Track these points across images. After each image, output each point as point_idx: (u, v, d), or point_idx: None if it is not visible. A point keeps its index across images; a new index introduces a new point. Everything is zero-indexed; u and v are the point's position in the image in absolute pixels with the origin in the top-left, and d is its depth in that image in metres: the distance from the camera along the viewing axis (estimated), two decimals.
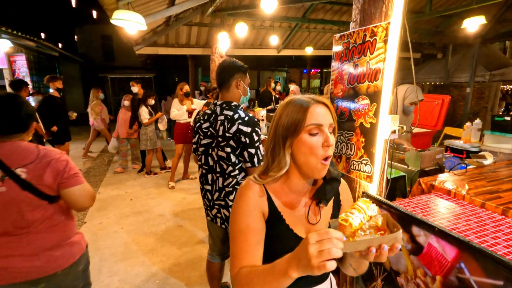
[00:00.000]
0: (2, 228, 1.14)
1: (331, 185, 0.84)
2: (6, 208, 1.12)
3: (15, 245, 1.16)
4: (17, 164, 1.13)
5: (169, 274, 2.42)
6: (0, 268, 1.14)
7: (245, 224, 0.78)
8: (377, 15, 1.41)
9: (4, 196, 1.11)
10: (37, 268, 1.19)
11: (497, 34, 7.29)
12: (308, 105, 0.77)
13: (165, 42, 7.00)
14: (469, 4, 4.81)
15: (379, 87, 1.40)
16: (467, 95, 7.63)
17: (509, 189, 1.68)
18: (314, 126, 0.76)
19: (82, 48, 15.22)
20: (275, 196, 0.83)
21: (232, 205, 0.83)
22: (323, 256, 0.54)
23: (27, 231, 1.17)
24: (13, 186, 1.12)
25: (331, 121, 0.78)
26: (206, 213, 1.77)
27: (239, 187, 0.85)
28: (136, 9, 3.73)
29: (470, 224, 1.33)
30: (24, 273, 1.17)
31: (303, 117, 0.76)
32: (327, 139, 0.75)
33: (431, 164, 2.20)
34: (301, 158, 0.78)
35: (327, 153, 0.76)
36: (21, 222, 1.15)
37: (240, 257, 0.75)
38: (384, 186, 1.55)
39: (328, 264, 0.54)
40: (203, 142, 1.64)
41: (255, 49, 7.98)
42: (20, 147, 1.17)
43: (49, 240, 1.22)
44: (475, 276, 0.97)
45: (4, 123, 1.15)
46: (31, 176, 1.14)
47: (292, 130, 0.77)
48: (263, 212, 0.81)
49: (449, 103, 4.69)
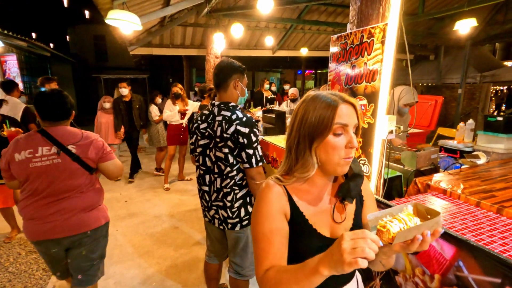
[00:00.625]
0: (52, 191, 1.50)
1: (355, 182, 0.83)
2: (59, 175, 1.50)
3: (59, 205, 1.51)
4: (68, 142, 1.51)
5: (165, 276, 2.40)
6: (49, 222, 1.50)
7: (268, 227, 0.76)
8: (374, 16, 1.42)
9: (59, 166, 1.50)
10: (72, 225, 1.54)
11: (488, 36, 7.44)
12: (336, 104, 0.74)
13: (160, 42, 6.96)
14: (461, 7, 4.89)
15: (376, 87, 1.41)
16: (459, 96, 7.76)
17: (503, 188, 1.71)
18: (340, 126, 0.74)
19: (75, 48, 15.04)
20: (296, 196, 0.81)
21: (253, 207, 0.82)
22: (356, 253, 0.53)
23: (69, 195, 1.53)
24: (66, 158, 1.50)
25: (356, 122, 0.76)
26: (204, 214, 1.76)
27: (259, 189, 0.83)
28: (131, 9, 3.70)
29: (466, 223, 1.35)
30: (63, 228, 1.52)
31: (331, 116, 0.73)
32: (351, 140, 0.74)
33: (427, 164, 2.23)
34: (323, 157, 0.76)
35: (349, 154, 0.75)
36: (68, 187, 1.52)
37: (266, 259, 0.74)
38: (381, 186, 1.56)
39: (360, 261, 0.53)
40: (201, 142, 1.63)
41: (250, 50, 8.00)
42: (68, 130, 1.56)
43: (84, 203, 1.58)
44: (474, 274, 0.98)
45: (57, 112, 1.53)
46: (79, 151, 1.53)
47: (320, 130, 0.74)
48: (285, 213, 0.79)
49: (442, 103, 4.76)
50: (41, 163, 1.47)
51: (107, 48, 15.24)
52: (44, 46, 9.28)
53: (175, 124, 4.40)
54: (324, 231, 0.81)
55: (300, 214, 0.80)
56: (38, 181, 1.49)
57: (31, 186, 1.50)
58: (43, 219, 1.51)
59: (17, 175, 1.49)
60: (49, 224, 1.51)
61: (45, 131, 1.51)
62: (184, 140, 4.49)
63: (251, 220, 0.81)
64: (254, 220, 0.79)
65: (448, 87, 9.54)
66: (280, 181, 0.81)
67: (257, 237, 0.77)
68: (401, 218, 0.64)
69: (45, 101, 1.51)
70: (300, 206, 0.80)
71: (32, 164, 1.46)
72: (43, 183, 1.49)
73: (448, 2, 6.79)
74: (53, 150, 1.49)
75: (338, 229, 0.81)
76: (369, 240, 0.55)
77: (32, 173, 1.47)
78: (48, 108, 1.51)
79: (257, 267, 0.75)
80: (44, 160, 1.48)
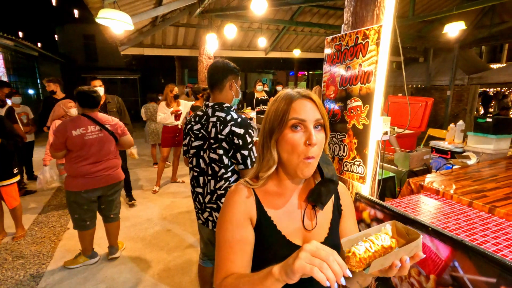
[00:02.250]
0: (100, 155, 2.31)
1: (326, 187, 0.78)
2: (104, 143, 2.32)
3: (104, 165, 2.34)
4: (105, 122, 2.34)
5: (158, 280, 2.36)
6: (98, 176, 2.31)
7: (231, 233, 0.72)
8: (369, 18, 1.43)
9: (103, 138, 2.31)
10: (111, 177, 2.39)
11: (475, 39, 7.61)
12: (292, 98, 0.72)
13: (152, 42, 6.88)
14: (449, 10, 5.00)
15: (371, 89, 1.41)
16: (447, 98, 7.91)
17: (494, 188, 1.74)
18: (297, 121, 0.70)
19: (63, 48, 14.73)
20: (265, 200, 0.77)
21: (220, 211, 0.79)
22: (310, 269, 0.50)
23: (108, 157, 2.37)
24: (105, 133, 2.33)
25: (317, 117, 0.72)
26: (197, 216, 1.74)
27: (227, 192, 0.80)
28: (122, 9, 3.64)
29: (460, 223, 1.36)
30: (107, 180, 2.37)
31: (286, 110, 0.71)
32: (310, 136, 0.69)
33: (419, 165, 2.26)
34: (284, 156, 0.73)
35: (309, 152, 0.70)
36: (108, 152, 2.36)
37: (225, 267, 0.71)
38: (376, 187, 1.56)
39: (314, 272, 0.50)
40: (194, 144, 1.61)
41: (243, 51, 7.99)
42: (101, 115, 2.37)
43: (116, 164, 2.46)
44: (469, 274, 0.98)
45: (95, 102, 2.31)
46: (112, 128, 2.37)
47: (276, 124, 0.72)
48: (250, 218, 0.75)
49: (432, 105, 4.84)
50: (91, 136, 2.25)
51: (97, 48, 14.97)
52: (31, 46, 9.06)
53: (171, 126, 4.32)
54: (295, 238, 0.76)
55: (268, 219, 0.76)
56: (92, 148, 2.25)
57: (85, 152, 2.23)
58: (94, 174, 2.28)
59: (74, 145, 2.19)
60: (98, 177, 2.31)
61: (89, 116, 2.27)
62: (179, 141, 4.41)
63: (216, 225, 0.79)
64: (217, 225, 0.76)
65: (437, 89, 9.72)
66: (249, 184, 0.78)
67: (219, 243, 0.74)
68: (366, 239, 0.61)
69: (86, 95, 2.25)
70: (268, 211, 0.76)
71: (86, 137, 2.22)
72: (95, 149, 2.26)
73: (437, 6, 6.93)
74: (97, 127, 2.29)
75: (311, 238, 0.77)
76: (333, 258, 0.51)
77: (87, 143, 2.23)
78: (88, 99, 2.26)
79: (216, 275, 0.72)
80: (94, 134, 2.26)
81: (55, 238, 2.99)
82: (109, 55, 14.31)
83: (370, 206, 1.45)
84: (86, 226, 2.41)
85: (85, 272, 2.45)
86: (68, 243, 2.89)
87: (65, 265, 2.50)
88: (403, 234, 0.63)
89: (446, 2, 6.85)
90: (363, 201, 1.50)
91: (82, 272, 2.44)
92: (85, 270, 2.48)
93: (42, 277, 2.37)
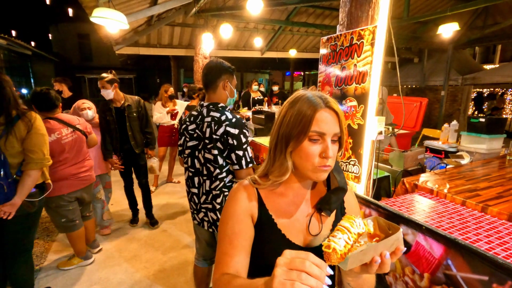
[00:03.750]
0: (79, 156, 2.32)
1: (336, 195, 0.79)
2: (79, 144, 2.31)
3: (83, 165, 2.36)
4: (74, 123, 2.30)
5: (153, 281, 2.34)
6: (80, 177, 2.32)
7: (231, 228, 0.74)
8: (364, 18, 1.43)
9: (77, 139, 2.29)
10: (91, 178, 2.44)
11: (469, 40, 7.71)
12: (316, 108, 0.69)
13: (147, 42, 6.84)
14: (443, 11, 5.06)
15: (366, 89, 1.42)
16: (442, 98, 8.00)
17: (486, 187, 1.76)
18: (316, 134, 0.69)
19: (57, 47, 14.60)
20: (268, 199, 0.78)
21: (223, 208, 0.80)
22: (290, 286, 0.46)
23: (85, 157, 2.40)
24: (79, 133, 2.31)
25: (336, 131, 0.70)
26: (193, 216, 1.73)
27: (231, 189, 0.81)
28: (117, 8, 3.62)
29: (453, 221, 1.38)
30: (88, 180, 2.40)
31: (309, 120, 0.69)
32: (326, 150, 0.69)
33: (414, 164, 2.28)
34: (297, 161, 0.73)
35: (324, 164, 0.70)
36: (85, 152, 2.39)
37: (224, 261, 0.72)
38: (371, 187, 1.57)
39: None
40: (189, 144, 1.60)
41: (239, 51, 7.99)
42: (67, 116, 2.30)
43: (91, 164, 2.46)
44: (462, 272, 1.00)
45: (53, 103, 2.19)
46: (82, 128, 2.36)
47: (295, 132, 0.70)
48: (251, 216, 0.76)
49: (426, 105, 4.89)
50: (67, 139, 2.21)
51: (91, 47, 14.87)
52: (24, 44, 8.97)
53: (167, 126, 4.30)
54: (295, 238, 0.77)
55: (269, 217, 0.77)
56: (71, 151, 2.25)
57: (65, 156, 2.21)
58: (76, 175, 2.29)
59: (53, 151, 2.08)
60: (80, 178, 2.32)
61: (57, 118, 2.21)
62: (176, 141, 4.39)
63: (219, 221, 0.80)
64: (220, 221, 0.78)
65: (431, 89, 9.82)
66: (255, 183, 0.79)
67: (220, 238, 0.75)
68: (342, 228, 0.59)
69: (42, 96, 2.15)
70: (270, 209, 0.77)
71: (63, 141, 2.18)
72: (74, 151, 2.27)
73: (431, 7, 6.99)
74: (69, 129, 2.24)
75: (312, 240, 0.78)
76: (310, 263, 0.47)
77: (65, 147, 2.19)
78: (46, 101, 2.16)
79: (214, 270, 0.74)
80: (69, 137, 2.23)
81: (48, 239, 2.96)
82: (104, 55, 14.22)
83: (365, 205, 1.46)
84: (76, 225, 2.38)
85: (79, 273, 2.43)
86: (62, 243, 2.86)
87: (59, 267, 2.47)
88: (385, 229, 0.62)
89: (440, 3, 6.92)
90: (358, 200, 1.50)
91: (76, 274, 2.42)
92: (79, 271, 2.45)
93: (35, 278, 2.35)
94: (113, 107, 2.79)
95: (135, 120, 2.87)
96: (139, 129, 2.93)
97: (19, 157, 1.66)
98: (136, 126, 2.89)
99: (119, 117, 2.81)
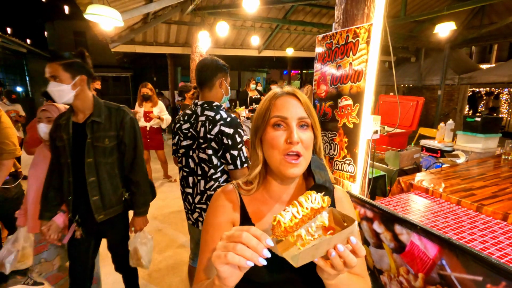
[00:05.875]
0: None
1: None
2: None
3: None
4: None
5: (148, 281, 2.33)
6: None
7: (211, 236, 0.71)
8: (359, 16, 1.42)
9: None
10: None
11: (465, 39, 7.73)
12: (275, 95, 0.71)
13: (143, 40, 6.79)
14: (440, 11, 5.06)
15: (361, 88, 1.41)
16: (438, 97, 8.03)
17: (482, 186, 1.76)
18: (278, 119, 0.68)
19: (53, 45, 14.45)
20: (250, 205, 0.75)
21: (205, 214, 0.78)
22: (224, 256, 0.46)
23: None
24: None
25: (301, 115, 0.68)
26: (187, 216, 1.71)
27: (213, 195, 0.78)
28: (112, 5, 3.58)
29: (448, 221, 1.37)
30: None
31: (269, 107, 0.70)
32: (291, 134, 0.66)
33: (409, 163, 2.28)
34: (267, 154, 0.71)
35: (289, 150, 0.66)
36: None
37: (201, 270, 0.69)
38: (366, 186, 1.57)
39: (235, 259, 0.46)
40: (183, 143, 1.58)
41: (236, 49, 7.95)
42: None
43: None
44: (456, 272, 0.99)
45: None
46: None
47: (260, 122, 0.71)
48: (233, 223, 0.73)
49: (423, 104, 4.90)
50: None
51: (88, 45, 14.72)
52: (19, 42, 8.86)
53: (141, 127, 4.04)
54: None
55: (250, 223, 0.73)
56: None
57: None
58: None
59: None
60: None
61: None
62: (153, 145, 4.27)
63: None
64: (202, 228, 0.75)
65: (428, 88, 9.85)
66: (240, 188, 0.76)
67: (201, 246, 0.73)
68: (295, 202, 0.57)
69: None
70: (252, 217, 0.73)
71: None
72: None
73: (428, 6, 7.00)
74: None
75: None
76: (247, 234, 0.47)
77: None
78: None
79: (194, 278, 0.72)
80: None
81: None
82: (100, 53, 14.09)
83: (360, 205, 1.45)
84: None
85: None
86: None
87: None
88: (340, 222, 0.59)
89: (437, 3, 6.93)
90: (353, 200, 1.50)
91: None
92: None
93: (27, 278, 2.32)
94: (71, 122, 1.46)
95: (104, 153, 1.48)
96: (115, 172, 1.54)
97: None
98: (105, 167, 1.49)
99: (78, 143, 1.45)
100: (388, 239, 1.26)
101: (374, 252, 1.33)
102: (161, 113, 4.17)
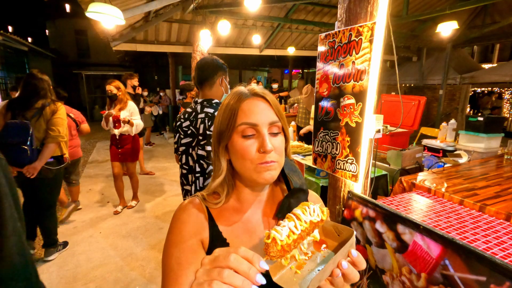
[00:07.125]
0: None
1: (296, 199, 0.66)
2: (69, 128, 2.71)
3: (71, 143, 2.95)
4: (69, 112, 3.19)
5: (149, 279, 2.33)
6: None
7: (176, 259, 0.57)
8: (363, 15, 1.41)
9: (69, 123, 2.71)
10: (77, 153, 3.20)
11: (467, 39, 7.69)
12: (240, 98, 0.62)
13: (144, 38, 6.78)
14: (442, 10, 5.04)
15: (364, 87, 1.40)
16: (440, 97, 7.99)
17: (484, 186, 1.75)
18: (247, 126, 0.60)
19: (55, 43, 14.45)
20: (220, 217, 0.65)
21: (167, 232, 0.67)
22: (208, 287, 0.38)
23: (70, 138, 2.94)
24: (69, 119, 2.97)
25: (272, 119, 0.61)
26: None
27: (176, 209, 0.67)
28: (113, 3, 3.57)
29: (451, 221, 1.37)
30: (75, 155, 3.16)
31: (234, 112, 0.61)
32: (263, 143, 0.59)
33: (411, 163, 2.27)
34: (237, 164, 0.63)
35: (263, 159, 0.59)
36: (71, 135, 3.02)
37: None
38: (368, 185, 1.56)
39: None
40: (184, 141, 1.59)
41: (237, 48, 7.93)
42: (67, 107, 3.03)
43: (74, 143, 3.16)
44: (459, 272, 0.98)
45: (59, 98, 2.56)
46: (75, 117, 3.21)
47: (224, 128, 0.62)
48: (202, 240, 0.62)
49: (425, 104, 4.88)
50: None
51: (89, 44, 14.74)
52: (21, 40, 8.85)
53: (111, 134, 3.36)
54: None
55: (223, 240, 0.63)
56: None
57: None
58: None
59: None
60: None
61: None
62: (125, 156, 3.41)
63: None
64: (164, 248, 0.62)
65: (429, 88, 9.81)
66: (204, 199, 0.66)
67: (163, 271, 0.59)
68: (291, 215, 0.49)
69: None
70: (223, 230, 0.64)
71: None
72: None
73: (431, 5, 6.97)
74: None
75: None
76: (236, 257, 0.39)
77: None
78: None
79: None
80: None
81: None
82: (102, 51, 14.10)
83: (363, 204, 1.45)
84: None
85: (75, 271, 2.41)
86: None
87: None
88: (332, 233, 0.52)
89: (439, 2, 6.90)
90: (355, 199, 1.49)
91: (72, 272, 2.40)
92: (75, 268, 2.43)
93: None
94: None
95: None
96: None
97: (43, 134, 2.24)
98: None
99: None
100: (391, 239, 1.25)
101: (377, 252, 1.33)
102: (131, 116, 3.30)
